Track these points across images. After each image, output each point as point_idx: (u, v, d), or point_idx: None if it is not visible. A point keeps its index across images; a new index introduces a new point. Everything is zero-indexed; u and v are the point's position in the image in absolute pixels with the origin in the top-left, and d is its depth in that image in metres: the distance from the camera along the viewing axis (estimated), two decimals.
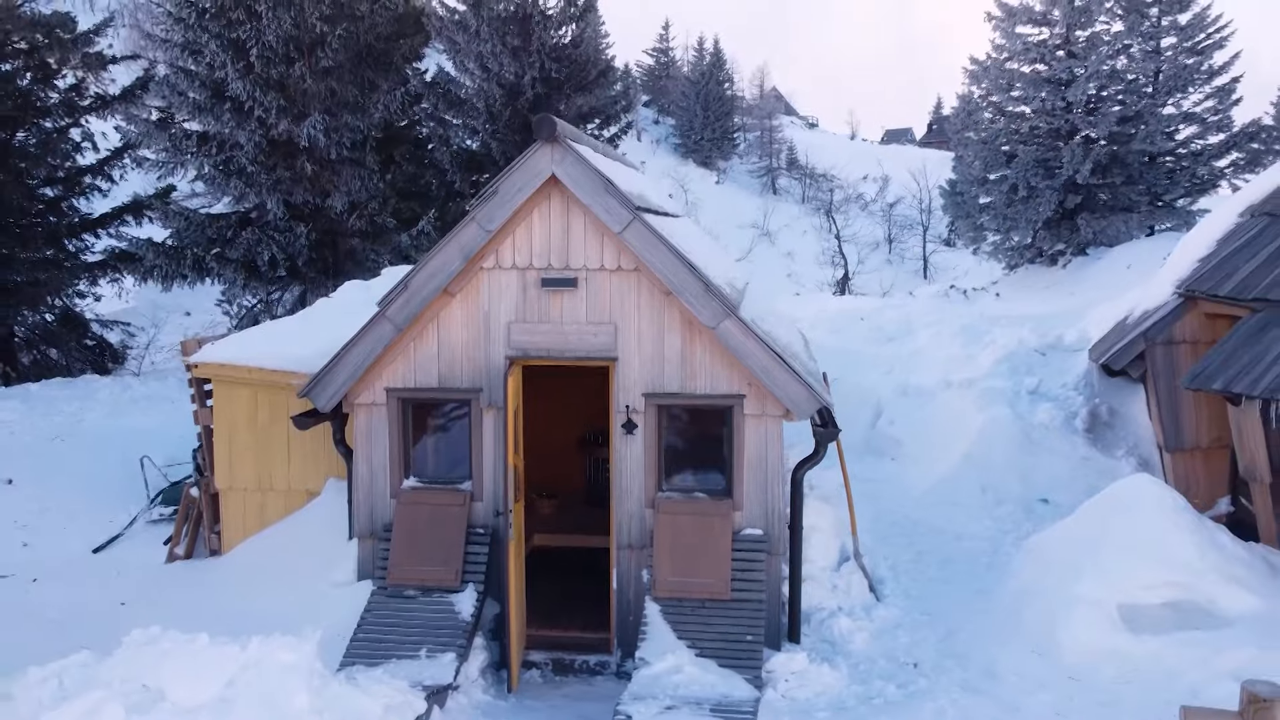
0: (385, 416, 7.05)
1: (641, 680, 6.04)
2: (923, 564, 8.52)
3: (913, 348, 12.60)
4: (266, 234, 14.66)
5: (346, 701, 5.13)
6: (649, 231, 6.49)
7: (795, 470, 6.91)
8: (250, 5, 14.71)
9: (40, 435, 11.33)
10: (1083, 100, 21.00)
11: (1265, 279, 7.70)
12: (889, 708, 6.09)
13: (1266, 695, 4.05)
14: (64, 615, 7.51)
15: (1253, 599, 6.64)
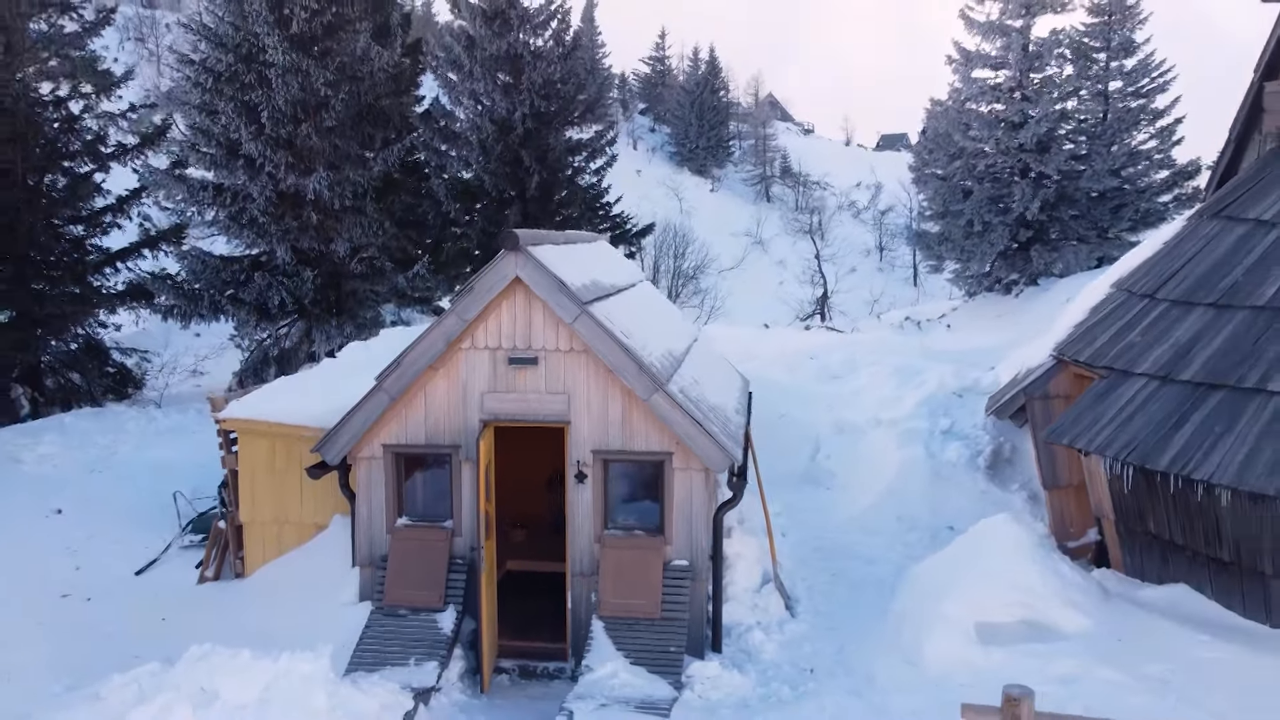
0: (382, 467, 8.63)
1: (584, 683, 7.62)
2: (836, 585, 10.07)
3: (853, 386, 14.18)
4: (276, 278, 16.25)
5: (352, 701, 6.70)
6: (594, 322, 8.06)
7: (716, 512, 8.48)
8: (261, 72, 16.30)
9: (79, 467, 12.92)
10: (1034, 141, 22.58)
11: (1114, 349, 9.27)
12: (781, 705, 7.66)
13: (1017, 695, 5.62)
14: (116, 629, 9.06)
15: (1084, 619, 8.20)
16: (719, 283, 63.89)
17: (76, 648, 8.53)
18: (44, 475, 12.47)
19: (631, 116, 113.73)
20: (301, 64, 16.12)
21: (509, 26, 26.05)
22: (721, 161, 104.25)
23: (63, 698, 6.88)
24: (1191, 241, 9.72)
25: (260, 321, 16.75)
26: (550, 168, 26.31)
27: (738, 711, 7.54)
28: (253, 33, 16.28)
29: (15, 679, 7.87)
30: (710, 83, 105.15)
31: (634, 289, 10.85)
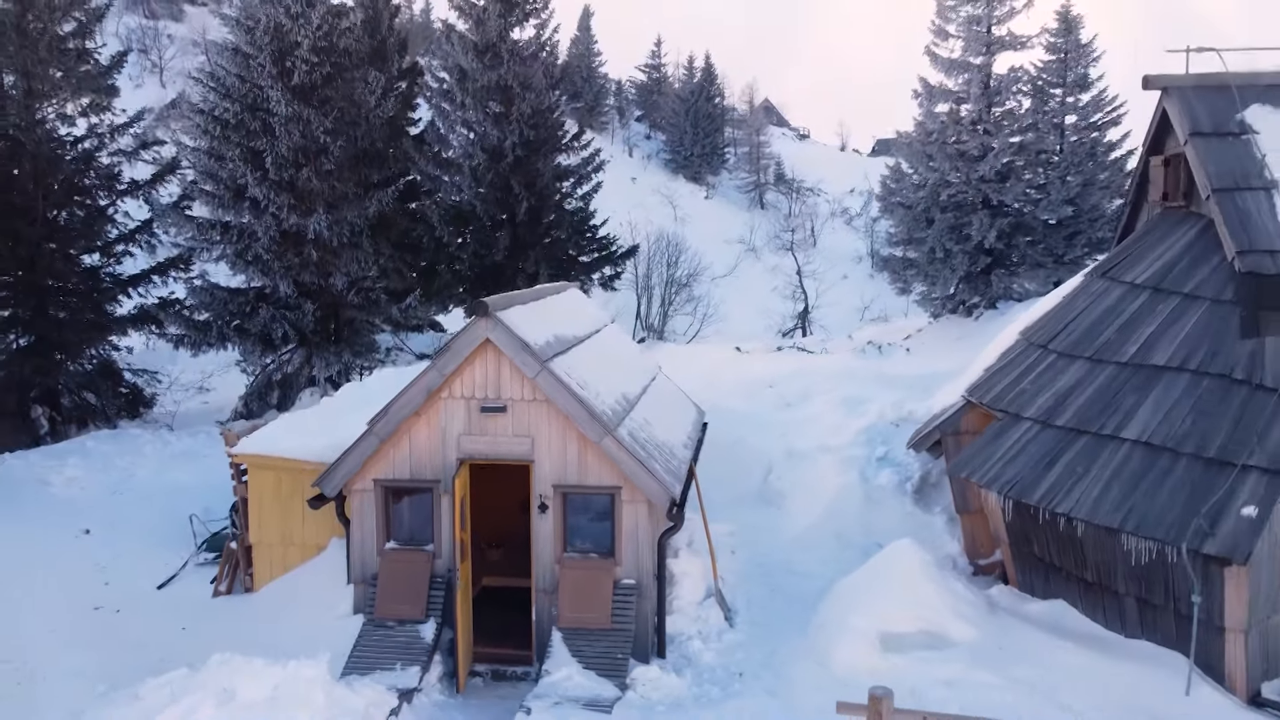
0: (373, 499, 10.02)
1: (543, 685, 9.01)
2: (773, 598, 11.44)
3: (805, 414, 15.59)
4: (279, 311, 17.65)
5: (346, 700, 8.08)
6: (552, 377, 9.45)
7: (660, 537, 9.86)
8: (266, 120, 17.70)
9: (103, 489, 14.32)
10: (993, 172, 23.96)
11: (1010, 394, 10.67)
12: (710, 704, 9.04)
13: (879, 695, 6.99)
14: (142, 637, 10.44)
15: (972, 630, 9.59)
16: (711, 290, 65.28)
17: (111, 654, 9.91)
18: (72, 497, 13.87)
19: (628, 123, 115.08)
20: (303, 113, 17.53)
21: (499, 60, 27.42)
22: (716, 169, 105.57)
23: (107, 696, 8.26)
24: (1082, 298, 11.12)
25: (264, 351, 18.16)
26: (539, 194, 27.68)
27: (672, 709, 8.92)
28: (257, 85, 17.67)
29: (62, 682, 9.26)
30: (705, 89, 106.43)
31: (597, 336, 12.24)
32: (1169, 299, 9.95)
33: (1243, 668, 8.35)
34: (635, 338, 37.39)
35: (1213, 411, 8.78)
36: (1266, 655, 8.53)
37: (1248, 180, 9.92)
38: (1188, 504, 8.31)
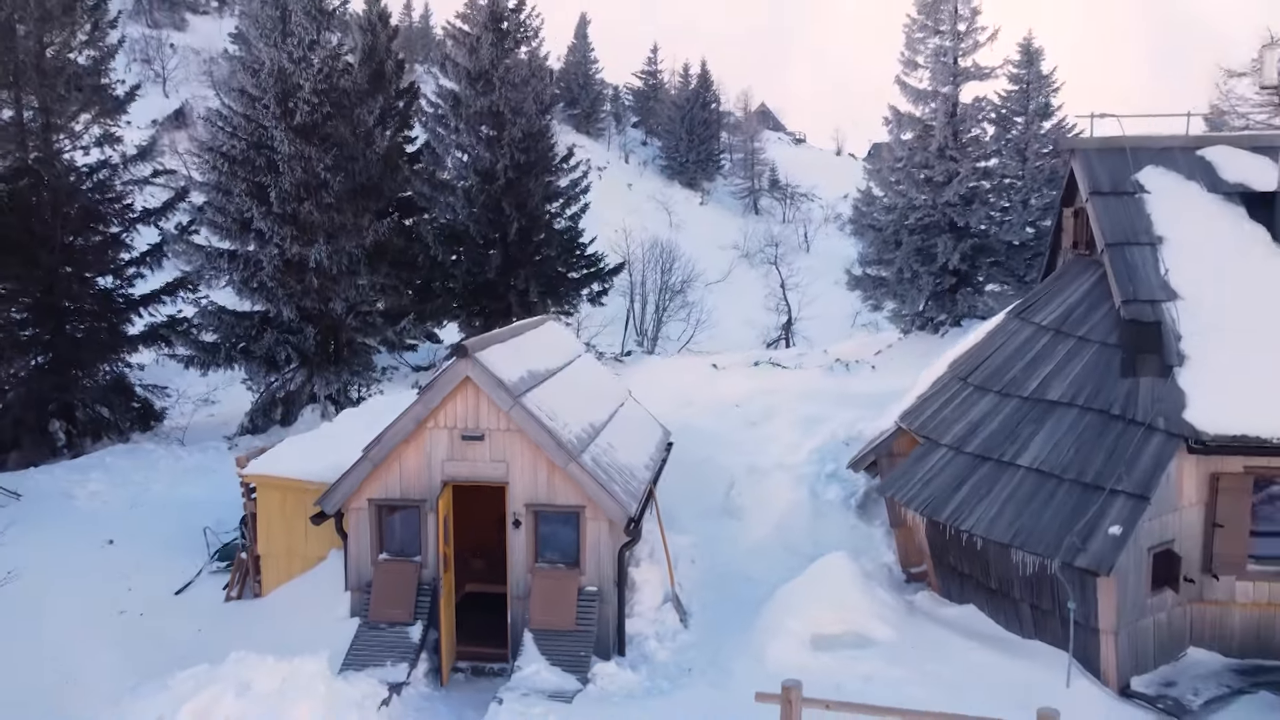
0: (368, 516, 11.38)
1: (515, 679, 10.37)
2: (726, 603, 12.77)
3: (767, 433, 16.96)
4: (282, 335, 19.02)
5: (343, 692, 9.42)
6: (524, 411, 10.81)
7: (620, 550, 11.22)
8: (270, 158, 19.07)
9: (122, 503, 15.68)
10: (958, 197, 25.33)
11: (932, 422, 12.03)
12: (659, 695, 10.40)
13: (790, 685, 8.33)
14: (164, 638, 11.78)
15: (891, 631, 10.95)
16: (705, 296, 66.54)
17: (137, 652, 11.27)
18: (95, 510, 15.23)
19: (624, 130, 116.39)
20: (304, 151, 18.89)
21: (492, 86, 28.81)
22: (711, 175, 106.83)
23: (139, 689, 9.58)
24: (999, 336, 12.50)
25: (269, 371, 19.52)
26: (529, 214, 29.05)
27: (625, 700, 10.28)
28: (262, 125, 19.03)
29: (96, 676, 10.61)
30: (701, 96, 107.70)
31: (569, 367, 13.61)
32: (1067, 340, 11.32)
33: (1114, 664, 9.71)
34: (625, 347, 38.73)
35: (1092, 442, 10.15)
36: (1135, 653, 9.89)
37: (1136, 236, 11.28)
38: (1065, 523, 9.67)
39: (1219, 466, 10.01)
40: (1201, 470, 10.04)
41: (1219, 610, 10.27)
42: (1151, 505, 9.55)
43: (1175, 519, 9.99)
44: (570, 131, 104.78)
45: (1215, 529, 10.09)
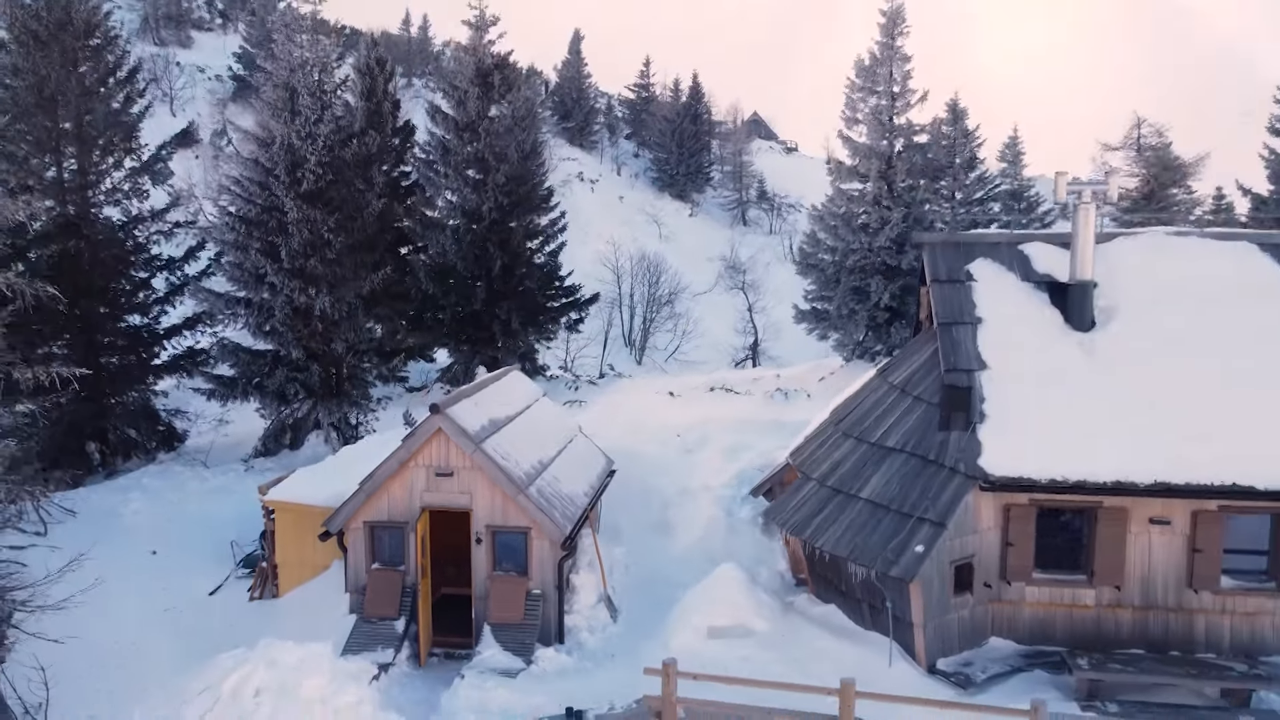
0: (363, 534, 14.57)
1: (475, 661, 13.56)
2: (650, 602, 15.90)
3: (699, 459, 20.15)
4: (292, 373, 22.22)
5: (344, 670, 12.59)
6: (483, 454, 14.00)
7: (560, 561, 14.39)
8: (281, 220, 22.27)
9: (160, 519, 18.87)
10: (890, 241, 28.49)
11: (810, 459, 15.21)
12: (585, 673, 13.56)
13: (668, 663, 11.50)
14: (203, 629, 14.96)
15: (767, 625, 14.12)
16: (692, 307, 69.60)
17: (183, 639, 14.46)
18: (138, 525, 18.43)
19: (617, 141, 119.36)
20: (311, 215, 22.07)
21: (478, 136, 32.02)
22: (701, 186, 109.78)
23: (189, 668, 12.75)
24: (866, 390, 15.70)
25: (280, 404, 22.72)
26: (512, 252, 32.27)
27: (557, 676, 13.45)
28: (273, 193, 22.23)
29: (153, 659, 13.79)
30: (693, 108, 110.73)
31: (527, 411, 16.80)
32: (906, 398, 14.52)
33: (923, 649, 12.90)
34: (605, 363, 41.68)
35: (911, 481, 13.35)
36: (942, 640, 13.08)
37: (962, 316, 14.48)
38: (886, 542, 12.86)
39: (1010, 499, 13.20)
40: (997, 502, 13.24)
41: (1012, 608, 13.48)
42: (951, 529, 12.76)
43: (975, 539, 13.19)
44: (564, 145, 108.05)
45: (1008, 546, 13.29)
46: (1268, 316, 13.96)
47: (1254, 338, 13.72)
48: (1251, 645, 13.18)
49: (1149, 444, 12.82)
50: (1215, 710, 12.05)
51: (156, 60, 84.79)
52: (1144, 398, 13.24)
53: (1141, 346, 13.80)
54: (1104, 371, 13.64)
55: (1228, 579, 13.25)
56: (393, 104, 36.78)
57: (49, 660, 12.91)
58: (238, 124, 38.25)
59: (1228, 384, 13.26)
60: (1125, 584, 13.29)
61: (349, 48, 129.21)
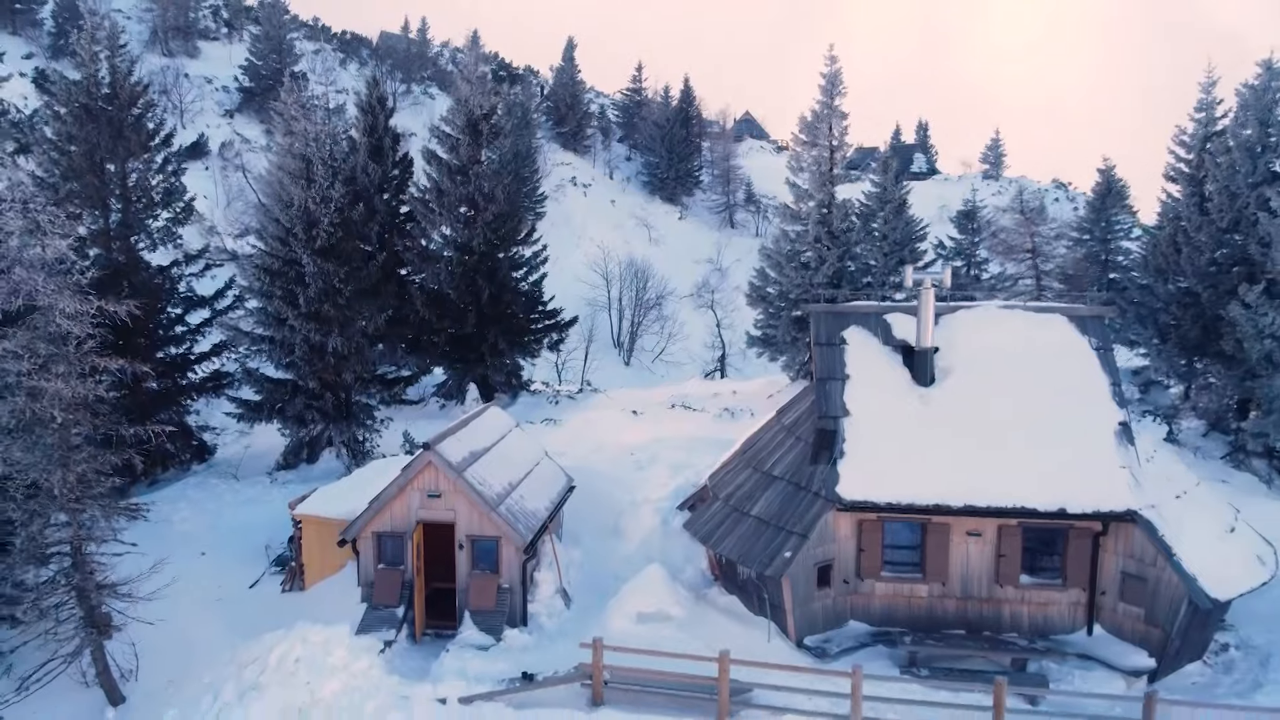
0: (371, 542, 18.83)
1: (457, 639, 17.84)
2: (598, 594, 20.09)
3: (648, 475, 24.39)
4: (309, 401, 26.47)
5: (359, 644, 16.85)
6: (464, 481, 18.25)
7: (524, 562, 18.64)
8: (299, 273, 26.45)
9: (204, 526, 23.12)
10: (827, 278, 32.63)
11: (721, 483, 19.45)
12: (542, 648, 17.81)
13: (598, 638, 15.80)
14: (246, 614, 19.22)
15: (683, 612, 18.36)
16: (678, 310, 73.67)
17: (232, 622, 18.72)
18: (188, 531, 22.70)
19: (610, 145, 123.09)
20: (325, 267, 26.25)
21: (469, 179, 36.12)
22: (690, 190, 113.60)
23: (241, 644, 16.98)
24: (766, 428, 19.91)
25: (298, 426, 26.98)
26: (499, 282, 36.46)
27: (521, 650, 17.70)
28: (292, 250, 26.41)
29: (211, 637, 18.04)
30: (684, 111, 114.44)
31: (502, 441, 21.02)
32: (791, 437, 18.76)
33: (793, 629, 17.17)
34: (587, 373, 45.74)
35: (788, 502, 17.59)
36: (809, 623, 17.34)
37: (834, 374, 18.69)
38: (765, 549, 17.12)
39: (861, 516, 17.46)
40: (851, 519, 17.50)
41: (865, 598, 17.76)
42: (814, 539, 17.02)
43: (835, 546, 17.45)
44: (558, 149, 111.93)
45: (860, 552, 17.56)
46: (1066, 375, 18.18)
47: (1052, 391, 17.94)
48: (1044, 627, 17.48)
49: (962, 475, 17.08)
50: (1000, 673, 16.33)
51: (166, 72, 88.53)
52: (962, 439, 17.49)
53: (966, 398, 18.04)
54: (936, 419, 17.88)
55: (1027, 577, 17.53)
56: (393, 138, 40.84)
57: (137, 638, 17.24)
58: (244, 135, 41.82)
59: (1026, 428, 17.50)
60: (949, 580, 17.58)
61: (350, 55, 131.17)
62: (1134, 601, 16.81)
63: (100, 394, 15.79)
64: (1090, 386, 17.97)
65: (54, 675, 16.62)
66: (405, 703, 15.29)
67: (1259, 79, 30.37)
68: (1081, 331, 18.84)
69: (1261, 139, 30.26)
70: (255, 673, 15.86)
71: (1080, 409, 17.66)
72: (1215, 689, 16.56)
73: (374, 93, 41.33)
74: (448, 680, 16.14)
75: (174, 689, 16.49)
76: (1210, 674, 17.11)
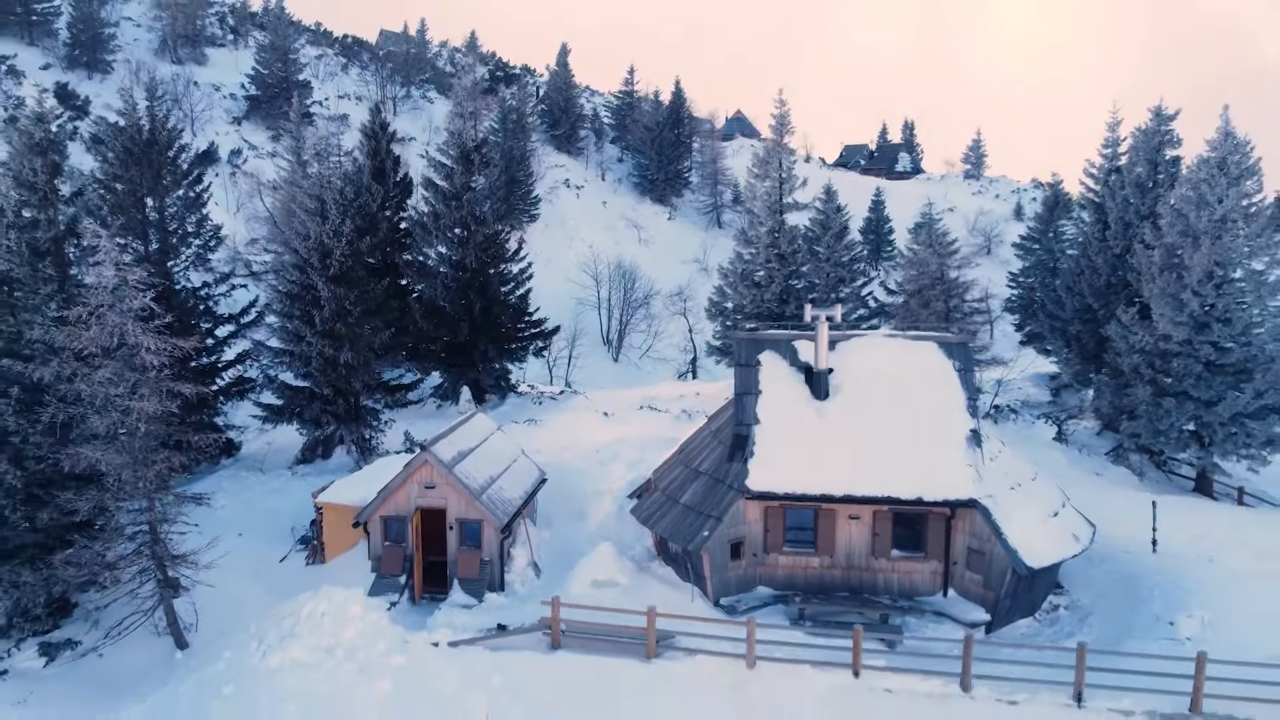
0: (379, 524, 23.52)
1: (447, 600, 22.55)
2: (563, 566, 24.75)
3: (609, 470, 29.08)
4: (324, 406, 31.14)
5: (370, 603, 21.55)
6: (454, 475, 22.93)
7: (501, 540, 23.31)
8: (316, 296, 31.08)
9: (240, 512, 27.81)
10: (776, 296, 37.24)
11: (660, 475, 24.13)
12: (515, 608, 22.49)
13: (557, 597, 20.58)
14: (279, 582, 23.90)
15: (628, 579, 23.06)
16: (665, 308, 78.08)
17: (269, 588, 23.39)
18: (228, 516, 27.39)
19: (602, 147, 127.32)
20: (337, 292, 30.87)
21: (461, 204, 40.66)
22: (679, 191, 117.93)
23: (277, 604, 21.62)
24: (699, 433, 24.57)
25: (315, 427, 31.66)
26: (489, 297, 41.04)
27: (498, 610, 22.39)
28: (309, 277, 31.02)
29: (253, 599, 22.71)
30: (675, 113, 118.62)
31: (485, 442, 25.68)
32: (715, 440, 23.42)
33: (711, 592, 21.87)
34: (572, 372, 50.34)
35: (709, 493, 22.27)
36: (724, 587, 22.04)
37: (750, 389, 23.33)
38: (690, 529, 21.81)
39: (766, 504, 22.13)
40: (760, 505, 22.17)
41: (770, 568, 22.45)
42: (727, 521, 21.69)
43: (745, 527, 22.14)
44: (552, 152, 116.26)
45: (766, 531, 22.25)
46: (932, 391, 22.82)
47: (920, 404, 22.59)
48: (911, 590, 22.19)
49: (846, 471, 21.74)
50: (867, 625, 21.04)
51: (177, 80, 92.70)
52: (847, 443, 22.15)
53: (852, 410, 22.70)
54: (828, 426, 22.54)
55: (896, 551, 22.23)
56: (394, 161, 45.38)
57: (197, 598, 21.96)
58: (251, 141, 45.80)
59: (897, 434, 22.16)
60: (836, 554, 22.28)
61: (351, 59, 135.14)
62: (976, 570, 21.52)
63: (173, 409, 20.30)
64: (950, 401, 22.63)
65: (134, 627, 21.37)
66: (406, 645, 20.00)
67: (1149, 124, 34.93)
68: (947, 355, 23.48)
69: (1151, 176, 34.84)
70: (291, 624, 20.58)
71: (941, 418, 22.33)
72: (1037, 638, 21.29)
73: (376, 120, 45.76)
74: (439, 630, 20.86)
75: (226, 637, 21.20)
76: (1037, 627, 21.85)
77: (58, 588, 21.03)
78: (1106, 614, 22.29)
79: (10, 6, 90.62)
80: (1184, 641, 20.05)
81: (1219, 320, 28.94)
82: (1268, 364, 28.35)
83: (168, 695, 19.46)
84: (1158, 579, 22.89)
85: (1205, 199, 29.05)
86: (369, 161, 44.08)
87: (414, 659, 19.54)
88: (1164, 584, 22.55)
